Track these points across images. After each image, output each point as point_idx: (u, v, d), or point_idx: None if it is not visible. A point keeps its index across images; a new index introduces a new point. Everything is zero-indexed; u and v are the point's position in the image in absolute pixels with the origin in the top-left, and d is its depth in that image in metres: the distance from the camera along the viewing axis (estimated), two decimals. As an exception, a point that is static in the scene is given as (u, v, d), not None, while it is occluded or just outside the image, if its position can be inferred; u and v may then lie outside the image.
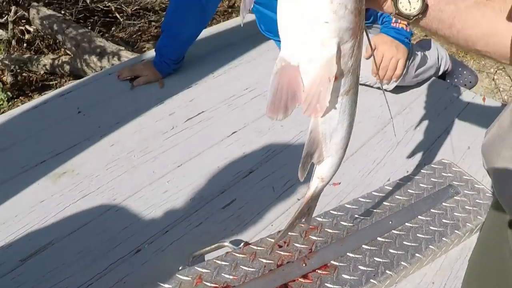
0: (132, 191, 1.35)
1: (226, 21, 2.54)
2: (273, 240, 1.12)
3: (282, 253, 1.10)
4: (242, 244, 1.13)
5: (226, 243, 1.15)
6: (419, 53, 1.90)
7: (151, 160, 1.48)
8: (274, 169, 1.46)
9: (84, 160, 1.47)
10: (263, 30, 2.08)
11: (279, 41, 0.64)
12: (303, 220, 0.90)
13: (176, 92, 1.83)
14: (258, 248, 1.11)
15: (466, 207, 1.26)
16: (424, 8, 0.72)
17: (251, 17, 2.21)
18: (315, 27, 0.58)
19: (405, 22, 1.66)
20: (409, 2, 0.71)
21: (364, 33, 0.66)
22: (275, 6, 0.62)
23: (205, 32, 2.14)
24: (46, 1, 3.49)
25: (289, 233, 1.13)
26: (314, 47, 0.60)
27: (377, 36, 1.75)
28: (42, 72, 3.22)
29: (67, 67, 3.18)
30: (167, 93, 1.82)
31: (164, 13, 3.97)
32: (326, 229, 1.17)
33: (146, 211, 1.29)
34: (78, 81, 1.95)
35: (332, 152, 0.71)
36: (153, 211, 1.29)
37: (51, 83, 3.13)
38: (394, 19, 1.74)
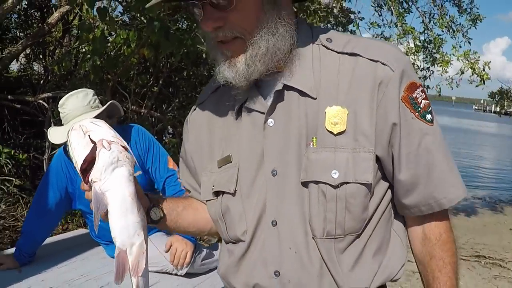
0: None
1: (69, 231, 3.36)
2: None
3: None
4: None
5: None
6: (205, 249, 2.83)
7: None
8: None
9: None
10: (94, 236, 2.89)
11: (106, 244, 1.36)
12: None
13: (31, 275, 2.56)
14: None
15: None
16: (162, 216, 1.22)
17: (84, 230, 3.08)
18: (133, 226, 1.07)
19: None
20: (155, 213, 1.21)
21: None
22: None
23: (54, 237, 2.94)
24: None
25: None
26: (134, 237, 1.07)
27: (172, 236, 2.67)
28: None
29: None
30: (23, 275, 2.55)
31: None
32: None
33: None
34: None
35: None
36: None
37: None
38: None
